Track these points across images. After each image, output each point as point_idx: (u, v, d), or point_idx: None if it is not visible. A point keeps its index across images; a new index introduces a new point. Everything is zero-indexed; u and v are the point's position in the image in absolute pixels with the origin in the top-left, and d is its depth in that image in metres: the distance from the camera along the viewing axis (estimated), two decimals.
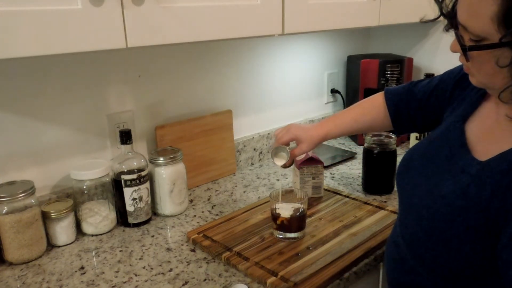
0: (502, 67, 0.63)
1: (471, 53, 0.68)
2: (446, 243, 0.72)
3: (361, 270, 0.96)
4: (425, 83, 0.96)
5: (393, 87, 1.03)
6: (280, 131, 1.07)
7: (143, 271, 0.96)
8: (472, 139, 0.77)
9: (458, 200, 0.71)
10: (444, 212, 0.73)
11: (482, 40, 0.64)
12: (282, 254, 0.98)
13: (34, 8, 0.73)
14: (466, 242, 0.70)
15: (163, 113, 1.33)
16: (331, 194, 1.27)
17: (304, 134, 1.04)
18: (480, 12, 0.62)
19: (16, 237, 0.97)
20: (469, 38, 0.66)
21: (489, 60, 0.65)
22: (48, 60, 1.09)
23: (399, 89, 1.01)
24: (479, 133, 0.77)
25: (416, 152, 0.87)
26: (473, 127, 0.79)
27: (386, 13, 1.36)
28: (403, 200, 0.86)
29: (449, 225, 0.71)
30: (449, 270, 0.73)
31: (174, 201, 1.18)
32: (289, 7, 1.09)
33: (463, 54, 0.69)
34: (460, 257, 0.71)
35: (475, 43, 0.66)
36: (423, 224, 0.77)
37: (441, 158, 0.79)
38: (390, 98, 1.01)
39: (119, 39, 0.83)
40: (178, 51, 1.32)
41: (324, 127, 1.05)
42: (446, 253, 0.73)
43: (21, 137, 1.08)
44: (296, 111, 1.73)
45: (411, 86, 0.99)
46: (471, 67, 0.71)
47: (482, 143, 0.75)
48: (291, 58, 1.65)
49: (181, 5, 0.90)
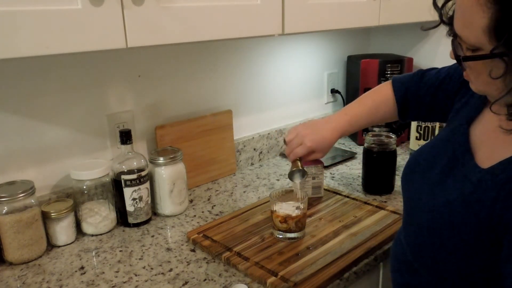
0: (494, 78, 0.63)
1: (466, 63, 0.68)
2: (447, 249, 0.72)
3: (361, 270, 0.96)
4: (432, 74, 0.96)
5: (400, 76, 1.03)
6: (292, 139, 1.06)
7: (143, 271, 0.96)
8: (476, 143, 0.77)
9: (460, 208, 0.71)
10: (447, 218, 0.72)
11: (477, 50, 0.64)
12: (282, 254, 0.98)
13: (34, 8, 0.73)
14: (468, 250, 0.69)
15: (163, 113, 1.33)
16: (331, 194, 1.27)
17: (319, 145, 1.03)
18: (473, 23, 0.62)
19: (16, 237, 0.97)
20: (466, 47, 0.66)
21: (483, 70, 0.66)
22: (48, 60, 1.09)
23: (406, 77, 1.01)
24: (482, 137, 0.77)
25: (421, 155, 0.87)
26: (477, 131, 0.79)
27: (386, 13, 1.36)
28: (407, 203, 0.86)
29: (450, 232, 0.71)
30: (450, 275, 0.73)
31: (174, 201, 1.18)
32: (289, 7, 1.09)
33: (460, 63, 0.69)
34: (462, 263, 0.71)
35: (472, 52, 0.66)
36: (425, 228, 0.76)
37: (445, 163, 0.79)
38: (398, 88, 1.01)
39: (119, 39, 0.83)
40: (178, 51, 1.32)
41: (339, 129, 1.04)
42: (447, 259, 0.72)
43: (21, 137, 1.08)
44: (296, 111, 1.73)
45: (419, 76, 0.99)
46: (470, 74, 0.71)
47: (485, 147, 0.75)
48: (291, 58, 1.65)
49: (181, 5, 0.90)
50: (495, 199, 0.66)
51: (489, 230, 0.67)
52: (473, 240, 0.68)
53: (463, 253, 0.70)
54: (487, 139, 0.76)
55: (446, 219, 0.72)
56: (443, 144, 0.82)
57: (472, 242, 0.69)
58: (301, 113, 1.75)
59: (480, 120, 0.79)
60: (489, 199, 0.67)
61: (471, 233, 0.69)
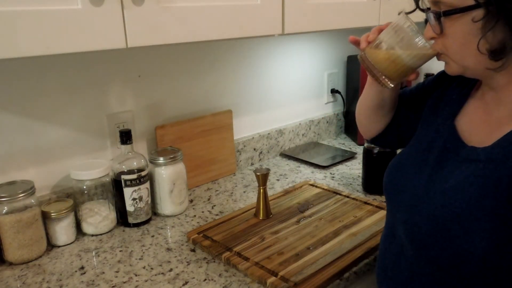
0: (476, 21, 0.65)
1: (444, 22, 0.70)
2: (463, 232, 0.71)
3: (361, 270, 0.96)
4: (408, 89, 0.99)
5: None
6: None
7: (143, 271, 0.96)
8: (465, 134, 0.78)
9: (472, 186, 0.70)
10: (461, 201, 0.71)
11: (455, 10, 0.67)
12: (282, 254, 0.98)
13: (34, 8, 0.73)
14: (485, 229, 0.68)
15: (163, 113, 1.33)
16: (331, 194, 1.27)
17: None
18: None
19: (16, 237, 0.97)
20: (443, 11, 0.69)
21: (462, 26, 0.68)
22: (48, 60, 1.09)
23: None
24: (470, 128, 0.78)
25: (408, 158, 0.86)
26: (462, 124, 0.79)
27: (386, 13, 1.36)
28: (401, 205, 0.84)
29: (467, 213, 0.70)
30: (464, 264, 0.72)
31: (174, 201, 1.18)
32: (289, 7, 1.09)
33: (437, 24, 0.71)
34: (478, 245, 0.70)
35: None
36: (438, 221, 0.74)
37: (436, 154, 0.79)
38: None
39: (119, 39, 0.83)
40: (178, 51, 1.32)
41: None
42: (463, 244, 0.71)
43: (21, 137, 1.08)
44: (296, 111, 1.73)
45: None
46: (445, 44, 0.72)
47: (477, 135, 0.76)
48: (291, 58, 1.65)
49: (181, 5, 0.90)
50: (510, 168, 0.67)
51: (508, 201, 0.66)
52: (491, 214, 0.68)
53: (479, 234, 0.69)
54: (475, 130, 0.77)
55: (460, 201, 0.71)
56: (430, 142, 0.82)
57: (490, 217, 0.68)
58: (301, 113, 1.75)
59: (465, 113, 0.80)
60: (504, 170, 0.67)
61: (487, 208, 0.68)
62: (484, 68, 0.70)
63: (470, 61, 0.71)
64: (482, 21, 0.66)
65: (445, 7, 0.69)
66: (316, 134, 1.80)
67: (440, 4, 0.70)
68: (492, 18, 0.65)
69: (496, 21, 0.65)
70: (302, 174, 1.47)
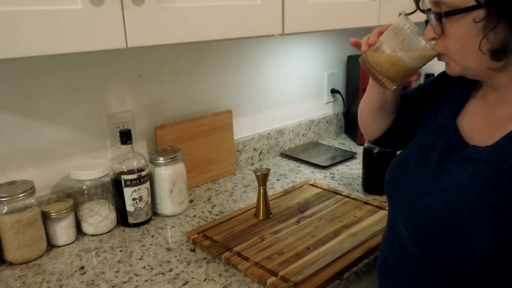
0: (477, 22, 0.66)
1: (445, 23, 0.70)
2: (465, 231, 0.71)
3: (361, 270, 0.96)
4: (409, 90, 0.99)
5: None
6: None
7: (143, 271, 0.96)
8: (467, 133, 0.78)
9: (474, 185, 0.70)
10: (463, 199, 0.71)
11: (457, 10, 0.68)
12: (282, 254, 0.98)
13: (34, 8, 0.73)
14: (486, 228, 0.68)
15: (163, 113, 1.33)
16: (331, 194, 1.27)
17: None
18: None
19: (16, 237, 0.97)
20: (444, 12, 0.69)
21: (463, 26, 0.68)
22: (48, 60, 1.09)
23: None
24: (472, 127, 0.78)
25: (409, 157, 0.86)
26: (464, 124, 0.79)
27: (386, 13, 1.36)
28: (404, 204, 0.84)
29: (469, 212, 0.70)
30: (467, 262, 0.72)
31: (174, 201, 1.18)
32: (289, 7, 1.09)
33: (438, 24, 0.71)
34: (480, 244, 0.69)
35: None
36: (440, 220, 0.74)
37: (438, 153, 0.79)
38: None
39: (119, 39, 0.83)
40: (178, 51, 1.32)
41: None
42: (466, 243, 0.71)
43: (21, 137, 1.08)
44: (296, 111, 1.73)
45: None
46: (446, 45, 0.72)
47: (479, 134, 0.76)
48: (291, 58, 1.65)
49: (181, 5, 0.90)
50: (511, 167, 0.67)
51: (510, 200, 0.67)
52: (494, 212, 0.68)
53: (480, 232, 0.69)
54: (476, 129, 0.77)
55: (463, 200, 0.71)
56: (431, 141, 0.82)
57: (493, 215, 0.68)
58: (301, 113, 1.75)
59: (466, 113, 0.80)
60: (506, 168, 0.68)
61: (490, 206, 0.68)
62: (485, 69, 0.70)
63: (471, 61, 0.71)
64: (484, 21, 0.66)
65: (446, 8, 0.69)
66: (316, 134, 1.80)
67: (441, 5, 0.70)
68: (493, 18, 0.65)
69: (498, 21, 0.65)
70: (302, 174, 1.47)
